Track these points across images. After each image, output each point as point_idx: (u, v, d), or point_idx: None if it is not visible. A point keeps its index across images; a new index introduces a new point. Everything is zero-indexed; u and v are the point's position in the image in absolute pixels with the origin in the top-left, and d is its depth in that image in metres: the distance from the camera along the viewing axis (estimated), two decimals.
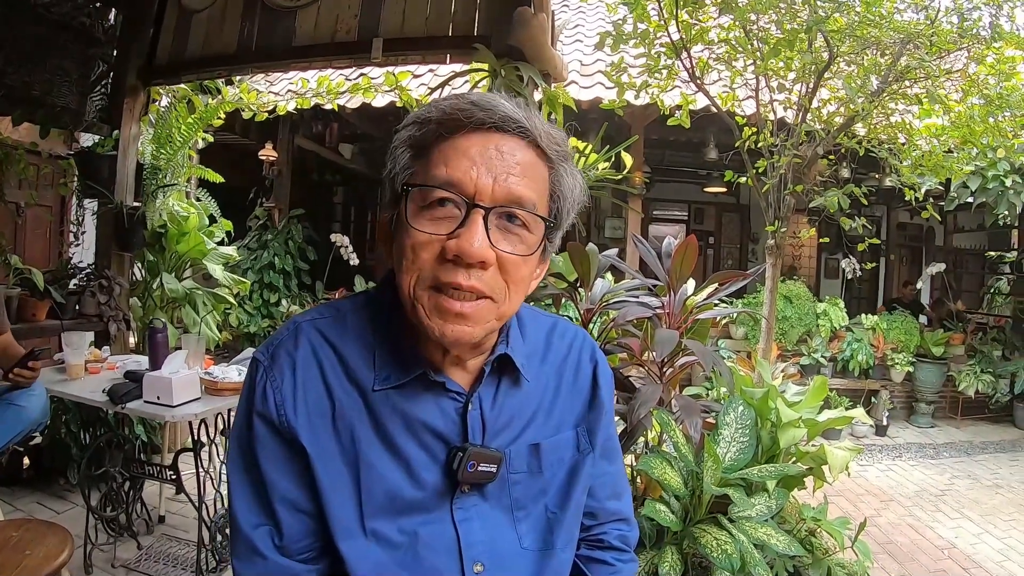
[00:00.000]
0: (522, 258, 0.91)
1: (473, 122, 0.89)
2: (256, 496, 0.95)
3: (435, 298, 0.88)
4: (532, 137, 0.92)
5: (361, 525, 0.92)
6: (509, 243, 0.90)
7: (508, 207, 0.89)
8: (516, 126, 0.90)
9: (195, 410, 2.75)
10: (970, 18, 4.33)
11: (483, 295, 0.89)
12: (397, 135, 0.95)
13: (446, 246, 0.87)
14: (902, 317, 8.11)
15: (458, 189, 0.87)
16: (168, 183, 4.86)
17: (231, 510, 0.97)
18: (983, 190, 6.56)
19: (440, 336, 0.89)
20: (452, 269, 0.87)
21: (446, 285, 0.87)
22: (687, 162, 10.53)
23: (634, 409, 2.53)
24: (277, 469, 0.94)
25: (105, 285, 4.12)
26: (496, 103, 0.90)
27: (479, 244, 0.86)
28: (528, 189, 0.90)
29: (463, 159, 0.88)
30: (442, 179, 0.88)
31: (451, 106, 0.90)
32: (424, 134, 0.92)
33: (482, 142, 0.89)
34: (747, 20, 4.37)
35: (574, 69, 7.49)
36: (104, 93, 4.44)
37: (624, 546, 1.21)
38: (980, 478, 6.08)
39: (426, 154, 0.91)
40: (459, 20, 3.72)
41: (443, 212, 0.88)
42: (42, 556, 2.06)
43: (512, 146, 0.91)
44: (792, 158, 4.44)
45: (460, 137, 0.90)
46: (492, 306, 0.91)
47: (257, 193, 9.08)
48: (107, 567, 3.25)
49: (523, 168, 0.90)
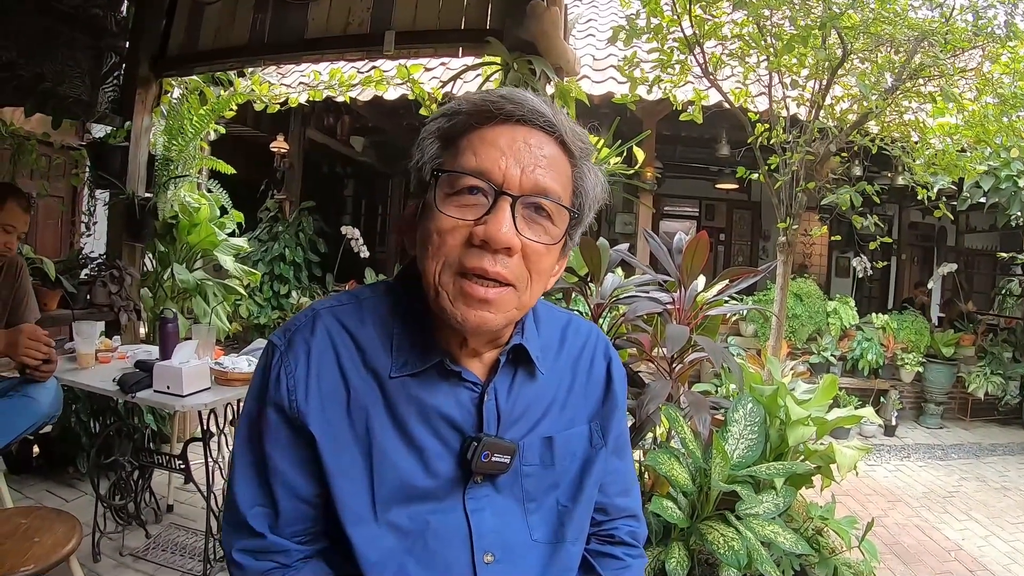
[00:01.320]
0: (545, 248, 0.93)
1: (503, 114, 0.91)
2: (257, 477, 0.97)
3: (460, 283, 0.90)
4: (558, 133, 0.94)
5: (373, 511, 0.94)
6: (534, 232, 0.92)
7: (535, 197, 0.91)
8: (544, 120, 0.92)
9: (205, 400, 2.76)
10: (985, 16, 4.29)
11: (507, 282, 0.90)
12: (425, 127, 0.97)
13: (473, 231, 0.88)
14: (912, 317, 8.07)
15: (487, 177, 0.89)
16: (180, 174, 4.87)
17: (230, 486, 0.99)
18: (996, 190, 6.52)
19: (463, 322, 0.90)
20: (478, 254, 0.88)
21: (472, 270, 0.88)
22: (699, 158, 10.51)
23: (643, 405, 2.53)
24: (281, 454, 0.95)
25: (116, 275, 4.13)
26: (525, 97, 0.92)
27: (506, 230, 0.87)
28: (554, 181, 0.92)
29: (492, 149, 0.90)
30: (471, 167, 0.89)
31: (481, 98, 0.93)
32: (454, 125, 0.94)
33: (511, 134, 0.91)
34: (760, 16, 4.34)
35: (586, 63, 7.46)
36: (116, 84, 4.44)
37: (634, 541, 1.22)
38: (988, 480, 6.05)
39: (455, 144, 0.93)
40: (471, 13, 3.71)
41: (471, 199, 0.90)
42: (51, 544, 2.06)
43: (539, 139, 0.92)
44: (805, 155, 4.42)
45: (489, 128, 0.92)
46: (514, 294, 0.92)
47: (268, 185, 9.10)
48: (115, 555, 3.27)
49: (550, 161, 0.92)
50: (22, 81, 3.86)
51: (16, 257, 3.08)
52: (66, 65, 4.10)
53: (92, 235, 5.02)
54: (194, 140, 4.95)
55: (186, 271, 4.78)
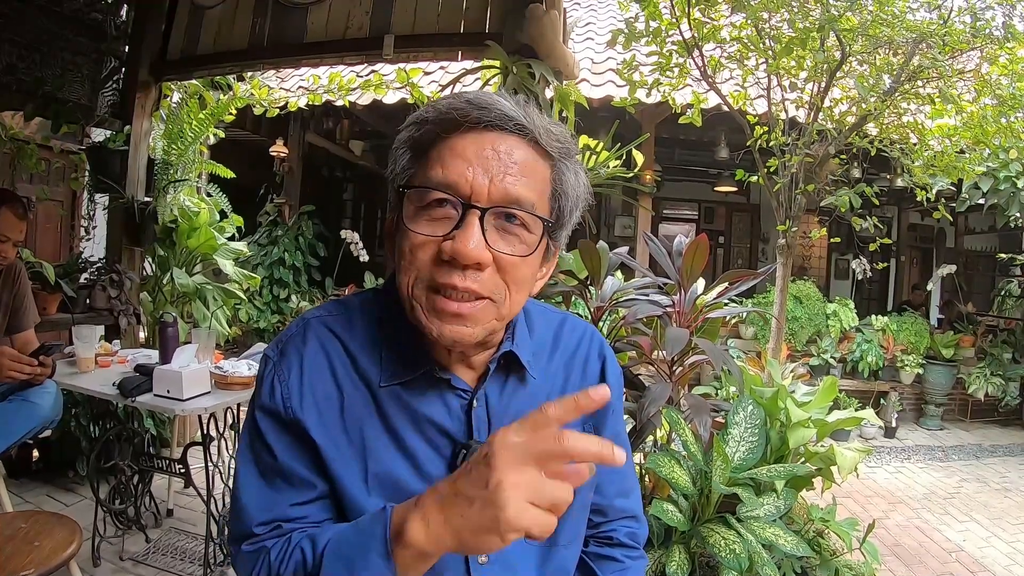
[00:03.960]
0: (521, 259, 0.91)
1: (469, 121, 0.88)
2: (262, 487, 0.96)
3: (433, 299, 0.89)
4: (531, 135, 0.91)
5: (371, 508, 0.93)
6: (507, 243, 0.89)
7: (506, 207, 0.88)
8: (514, 124, 0.89)
9: (205, 404, 2.76)
10: (983, 18, 4.30)
11: (481, 296, 0.89)
12: (397, 136, 0.95)
13: (442, 247, 0.87)
14: (912, 319, 8.07)
15: (454, 190, 0.87)
16: (179, 178, 4.87)
17: (235, 499, 0.98)
18: (995, 191, 6.52)
19: (439, 336, 0.89)
20: (448, 270, 0.87)
21: (443, 286, 0.87)
22: (698, 161, 10.50)
23: (643, 407, 2.52)
24: (288, 455, 0.95)
25: (116, 279, 4.13)
26: (492, 101, 0.90)
27: (474, 245, 0.85)
28: (526, 188, 0.89)
29: (459, 160, 0.88)
30: (438, 180, 0.87)
31: (447, 106, 0.90)
32: (423, 135, 0.92)
33: (478, 142, 0.89)
34: (759, 18, 4.35)
35: (585, 67, 7.46)
36: (116, 88, 4.45)
37: (633, 543, 1.21)
38: (989, 481, 6.04)
39: (424, 155, 0.91)
40: (471, 17, 3.72)
41: (441, 213, 0.88)
42: (51, 548, 2.07)
43: (510, 145, 0.90)
44: (804, 157, 4.42)
45: (457, 137, 0.89)
46: (492, 307, 0.91)
47: (268, 189, 9.12)
48: (115, 560, 3.27)
49: (521, 167, 0.89)
50: (22, 85, 3.87)
51: (15, 261, 3.08)
52: (66, 69, 4.11)
53: (92, 239, 5.02)
54: (194, 144, 4.95)
55: (186, 275, 4.78)
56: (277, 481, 0.95)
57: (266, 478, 0.96)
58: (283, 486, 0.95)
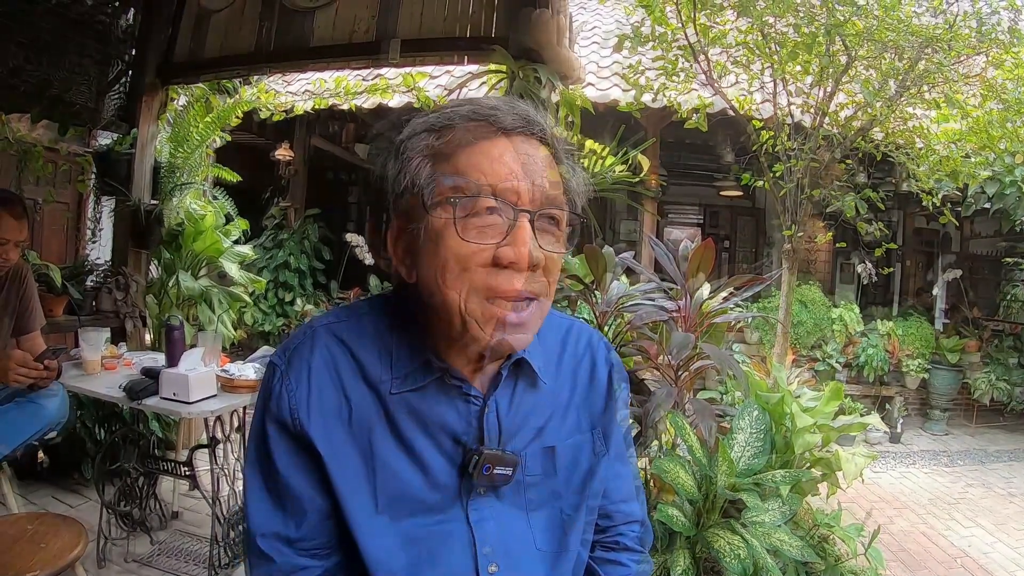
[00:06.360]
0: (559, 256, 0.93)
1: (504, 127, 0.89)
2: (271, 497, 0.96)
3: (490, 310, 0.88)
4: (547, 138, 0.93)
5: (379, 523, 0.93)
6: (549, 243, 0.91)
7: (548, 209, 0.90)
8: (538, 128, 0.91)
9: (211, 407, 2.76)
10: (989, 22, 4.30)
11: (535, 297, 0.90)
12: (407, 145, 0.92)
13: (498, 254, 0.86)
14: (917, 323, 8.06)
15: (504, 196, 0.87)
16: (185, 182, 4.87)
17: (246, 510, 0.98)
18: (1000, 196, 6.52)
19: (497, 346, 0.90)
20: (508, 276, 0.87)
21: (505, 294, 0.87)
22: (702, 165, 10.49)
23: (648, 412, 2.53)
24: (291, 472, 0.94)
25: (122, 282, 4.15)
26: (517, 107, 0.91)
27: (534, 248, 0.86)
28: (556, 188, 0.92)
29: (499, 165, 0.88)
30: (484, 187, 0.87)
31: (473, 111, 0.90)
32: (447, 142, 0.90)
33: (511, 146, 0.89)
34: (765, 23, 4.35)
35: (590, 71, 7.46)
36: (122, 92, 4.46)
37: (639, 547, 1.21)
38: (994, 486, 6.03)
39: (451, 163, 0.89)
40: (476, 21, 3.72)
41: (488, 220, 0.87)
42: (57, 549, 2.07)
43: (534, 148, 0.91)
44: (809, 162, 4.43)
45: (489, 143, 0.89)
46: (539, 308, 0.92)
47: (273, 192, 9.14)
48: (121, 561, 3.27)
49: (549, 169, 0.91)
50: (29, 87, 3.88)
51: (22, 263, 3.07)
52: (73, 72, 4.12)
53: (98, 242, 5.04)
54: (199, 148, 4.96)
55: (191, 278, 4.79)
56: (279, 498, 0.95)
57: (270, 493, 0.96)
58: (285, 503, 0.95)
